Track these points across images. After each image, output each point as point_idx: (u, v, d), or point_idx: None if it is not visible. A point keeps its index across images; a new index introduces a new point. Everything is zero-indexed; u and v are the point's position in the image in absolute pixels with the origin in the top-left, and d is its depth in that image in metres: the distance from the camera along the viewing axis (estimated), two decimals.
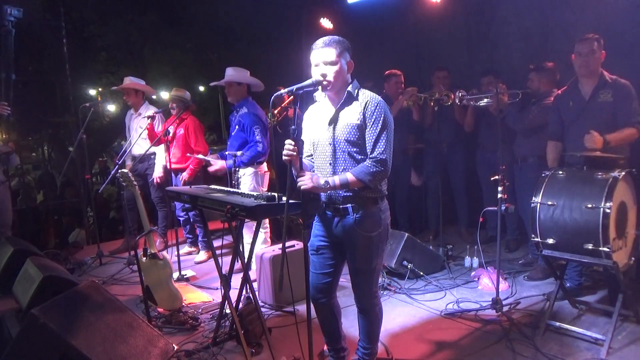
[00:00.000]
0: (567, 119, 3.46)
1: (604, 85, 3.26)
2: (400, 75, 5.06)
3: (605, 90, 3.24)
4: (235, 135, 4.30)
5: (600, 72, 3.29)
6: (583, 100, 3.34)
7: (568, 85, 3.52)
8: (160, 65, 10.55)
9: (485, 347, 2.99)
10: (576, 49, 3.31)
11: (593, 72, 3.28)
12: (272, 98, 2.25)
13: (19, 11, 5.04)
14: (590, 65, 3.26)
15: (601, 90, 3.26)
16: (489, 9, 5.22)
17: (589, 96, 3.31)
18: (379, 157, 2.30)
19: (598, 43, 3.24)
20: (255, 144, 4.16)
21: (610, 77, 3.27)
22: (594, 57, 3.23)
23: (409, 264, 4.11)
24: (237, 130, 4.26)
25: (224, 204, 2.63)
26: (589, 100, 3.30)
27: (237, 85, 4.27)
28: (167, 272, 3.60)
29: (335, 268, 2.54)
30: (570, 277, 3.65)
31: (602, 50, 3.25)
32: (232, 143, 4.32)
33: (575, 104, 3.38)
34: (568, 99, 3.45)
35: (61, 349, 2.41)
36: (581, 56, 3.28)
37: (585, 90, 3.34)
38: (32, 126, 9.93)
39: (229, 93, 4.30)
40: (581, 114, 3.33)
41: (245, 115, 4.21)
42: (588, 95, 3.32)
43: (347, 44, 2.36)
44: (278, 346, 3.02)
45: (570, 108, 3.42)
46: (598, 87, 3.27)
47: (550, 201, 3.01)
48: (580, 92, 3.37)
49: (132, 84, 5.16)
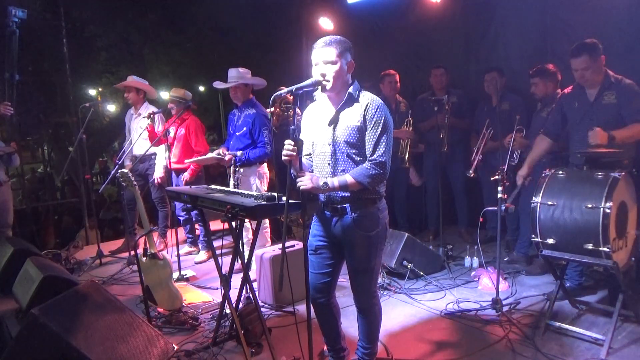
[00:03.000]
0: (571, 120, 3.44)
1: (608, 87, 3.23)
2: (395, 75, 5.07)
3: (610, 92, 3.22)
4: (242, 136, 4.27)
5: (604, 74, 3.25)
6: (587, 102, 3.32)
7: (574, 85, 3.47)
8: (160, 65, 10.57)
9: (485, 347, 2.99)
10: (571, 64, 3.28)
11: (593, 82, 3.26)
12: (272, 97, 2.25)
13: (24, 12, 5.06)
14: (588, 78, 3.23)
15: (605, 92, 3.24)
16: (489, 9, 5.22)
17: (594, 98, 3.29)
18: (379, 159, 2.30)
19: (590, 55, 3.16)
20: (263, 145, 4.20)
21: (614, 77, 3.24)
22: (589, 72, 3.20)
23: (409, 264, 4.11)
24: (245, 130, 4.24)
25: (224, 204, 2.63)
26: (594, 102, 3.29)
27: (244, 87, 4.27)
28: (167, 272, 3.60)
29: (334, 268, 2.54)
30: (571, 277, 3.65)
31: (598, 57, 3.18)
32: (237, 143, 4.30)
33: (580, 105, 3.36)
34: (574, 100, 3.41)
35: (61, 349, 2.41)
36: (577, 72, 3.26)
37: (590, 91, 3.32)
38: (32, 126, 9.94)
39: (235, 94, 4.28)
40: (585, 115, 3.31)
41: (255, 116, 4.22)
42: (593, 96, 3.30)
43: (349, 44, 2.35)
44: (278, 346, 3.01)
45: (575, 109, 3.40)
46: (602, 89, 3.25)
47: (550, 201, 3.00)
48: (585, 94, 3.35)
49: (134, 82, 5.17)
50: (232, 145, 4.33)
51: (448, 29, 5.55)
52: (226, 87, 4.31)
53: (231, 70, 4.28)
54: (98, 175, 15.33)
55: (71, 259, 5.12)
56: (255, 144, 4.24)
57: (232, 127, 4.42)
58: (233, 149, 4.26)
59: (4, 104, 4.76)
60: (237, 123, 4.34)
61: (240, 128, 4.29)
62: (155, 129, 4.92)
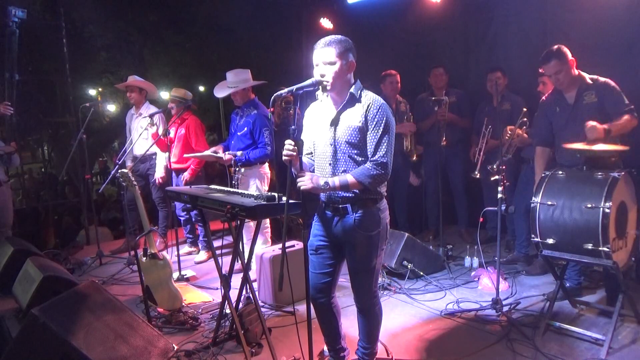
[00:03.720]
0: (556, 125, 3.44)
1: (586, 88, 3.24)
2: (396, 75, 5.07)
3: (589, 92, 3.22)
4: (243, 136, 4.28)
5: (579, 77, 3.26)
6: (568, 105, 3.32)
7: (552, 91, 3.49)
8: (160, 65, 10.57)
9: (485, 347, 2.99)
10: (544, 70, 3.31)
11: (569, 84, 3.26)
12: (272, 97, 2.25)
13: (24, 12, 5.07)
14: (563, 81, 3.24)
15: (584, 93, 3.24)
16: (489, 9, 5.22)
17: (574, 100, 3.29)
18: (380, 160, 2.30)
19: (558, 59, 3.18)
20: (264, 146, 4.21)
21: (590, 79, 3.25)
22: (562, 74, 3.21)
23: (409, 264, 4.11)
24: (246, 131, 4.25)
25: (224, 204, 2.63)
26: (574, 105, 3.28)
27: (242, 89, 4.26)
28: (167, 272, 3.60)
29: (334, 268, 2.54)
30: (570, 277, 3.65)
31: (568, 60, 3.20)
32: (238, 143, 4.30)
33: (562, 109, 3.36)
34: (554, 105, 3.42)
35: (61, 349, 2.41)
36: (551, 77, 3.29)
37: (569, 95, 3.32)
38: (32, 126, 9.94)
39: (235, 97, 4.28)
40: (569, 119, 3.31)
41: (256, 117, 4.23)
42: (572, 99, 3.30)
43: (350, 44, 2.34)
44: (278, 346, 3.02)
45: (557, 114, 3.40)
46: (580, 90, 3.25)
47: (550, 201, 3.00)
48: (564, 97, 3.35)
49: (137, 81, 5.19)
50: (233, 145, 4.33)
51: (448, 29, 5.55)
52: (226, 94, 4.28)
53: (229, 74, 4.25)
54: (98, 175, 15.34)
55: (71, 259, 5.13)
56: (256, 145, 4.24)
57: (233, 127, 4.42)
58: (234, 149, 4.25)
59: (4, 104, 4.76)
60: (238, 123, 4.35)
61: (242, 128, 4.29)
62: (157, 131, 4.95)
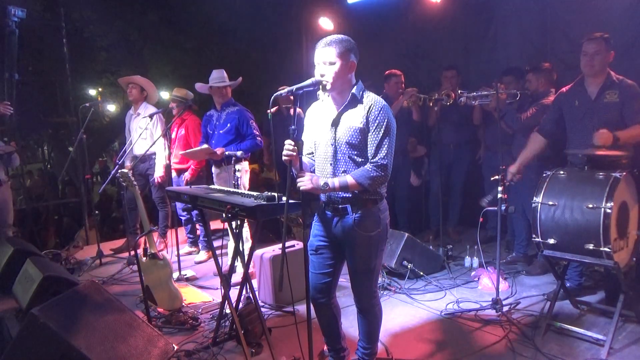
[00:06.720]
0: (571, 118, 3.42)
1: (610, 86, 3.22)
2: (400, 76, 5.05)
3: (612, 91, 3.21)
4: (226, 133, 4.46)
5: (607, 72, 3.25)
6: (589, 100, 3.29)
7: (574, 83, 3.45)
8: (160, 65, 10.57)
9: (485, 347, 2.99)
10: (583, 47, 3.26)
11: (598, 72, 3.24)
12: (272, 97, 2.24)
13: (23, 12, 5.07)
14: (595, 65, 3.21)
15: (607, 91, 3.22)
16: (489, 9, 5.22)
17: (595, 96, 3.27)
18: (380, 161, 2.30)
19: (606, 43, 3.18)
20: (254, 137, 4.41)
21: (617, 78, 3.24)
22: (599, 57, 3.19)
23: (409, 264, 4.11)
24: (230, 127, 4.44)
25: (224, 204, 2.63)
26: (595, 100, 3.26)
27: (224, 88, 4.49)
28: (167, 272, 3.60)
29: (334, 268, 2.54)
30: (571, 277, 3.64)
31: (610, 51, 3.20)
32: (220, 140, 4.46)
33: (581, 103, 3.33)
34: (574, 98, 3.39)
35: (61, 349, 2.41)
36: (586, 56, 3.23)
37: (591, 89, 3.30)
38: (32, 126, 9.95)
39: (219, 94, 4.48)
40: (586, 114, 3.29)
41: (239, 112, 4.46)
42: (594, 94, 3.27)
43: (351, 45, 2.33)
44: (278, 346, 3.01)
45: (575, 107, 3.37)
46: (604, 87, 3.24)
47: (551, 201, 3.00)
48: (586, 92, 3.32)
49: (140, 79, 5.22)
50: (214, 144, 4.48)
51: (448, 29, 5.55)
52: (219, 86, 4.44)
53: (214, 72, 4.47)
54: (98, 175, 15.34)
55: (71, 259, 5.13)
56: (243, 138, 4.42)
57: (210, 128, 4.60)
58: (218, 145, 4.42)
59: (3, 104, 4.75)
60: (217, 122, 4.52)
61: (224, 126, 4.48)
62: (154, 129, 4.99)
